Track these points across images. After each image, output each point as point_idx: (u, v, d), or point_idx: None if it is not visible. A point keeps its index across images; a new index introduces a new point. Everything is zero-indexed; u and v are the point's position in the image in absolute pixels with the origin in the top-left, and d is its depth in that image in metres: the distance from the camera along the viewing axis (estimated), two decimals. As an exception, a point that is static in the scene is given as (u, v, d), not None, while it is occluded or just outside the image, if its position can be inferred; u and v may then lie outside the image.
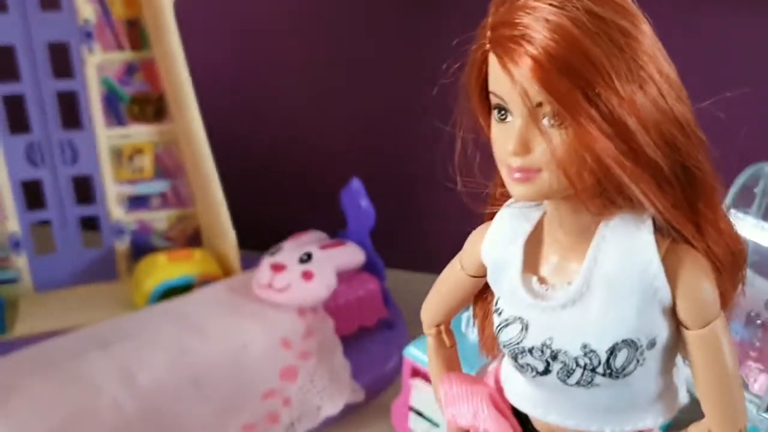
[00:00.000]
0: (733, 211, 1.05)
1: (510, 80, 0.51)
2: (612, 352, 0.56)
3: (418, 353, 1.06)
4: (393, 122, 1.57)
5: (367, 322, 1.36)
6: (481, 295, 0.70)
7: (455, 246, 0.72)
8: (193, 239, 1.59)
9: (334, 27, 1.56)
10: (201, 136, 1.44)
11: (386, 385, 1.29)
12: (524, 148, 0.53)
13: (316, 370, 1.22)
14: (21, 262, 1.48)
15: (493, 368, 0.70)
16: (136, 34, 1.44)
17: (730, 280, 0.61)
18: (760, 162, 1.08)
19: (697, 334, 0.57)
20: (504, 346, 0.61)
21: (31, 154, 1.43)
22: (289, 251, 1.33)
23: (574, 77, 0.49)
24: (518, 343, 0.59)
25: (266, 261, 1.33)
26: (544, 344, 0.58)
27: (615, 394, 0.59)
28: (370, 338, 1.35)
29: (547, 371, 0.58)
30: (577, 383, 0.58)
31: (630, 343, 0.56)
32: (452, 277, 0.70)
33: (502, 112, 0.54)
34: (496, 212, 0.64)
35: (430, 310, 0.74)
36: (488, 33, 0.53)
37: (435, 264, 0.77)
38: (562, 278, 0.59)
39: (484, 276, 0.65)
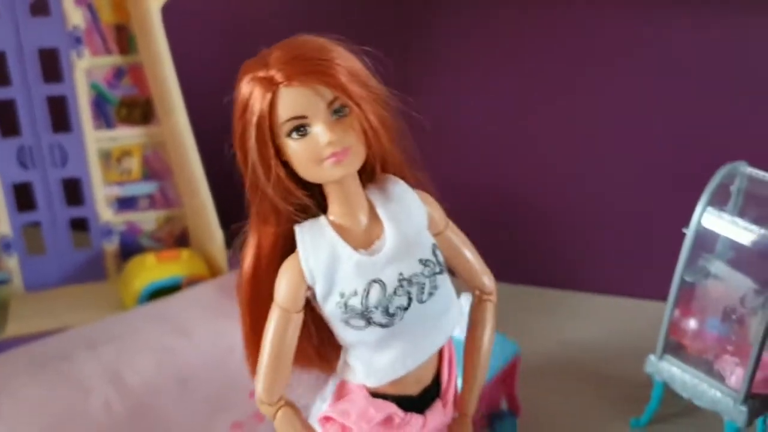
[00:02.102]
0: (710, 208, 1.08)
1: (312, 92, 0.69)
2: (434, 252, 0.75)
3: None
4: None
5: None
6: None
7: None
8: (181, 239, 1.60)
9: (324, 31, 1.58)
10: (188, 138, 1.46)
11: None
12: (336, 134, 0.69)
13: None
14: (12, 263, 1.50)
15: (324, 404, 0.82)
16: (124, 38, 1.46)
17: None
18: (736, 161, 1.10)
19: (450, 230, 0.80)
20: (376, 309, 0.72)
21: (21, 157, 1.45)
22: (276, 251, 1.34)
23: (354, 76, 0.70)
24: (385, 295, 0.72)
25: (253, 261, 1.34)
26: (400, 280, 0.73)
27: (444, 292, 0.76)
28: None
29: (409, 301, 0.73)
30: (430, 294, 0.75)
31: (434, 245, 0.76)
32: (288, 330, 0.75)
33: (301, 129, 0.70)
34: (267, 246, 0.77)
35: (275, 385, 0.77)
36: (276, 73, 0.69)
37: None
38: (375, 235, 0.75)
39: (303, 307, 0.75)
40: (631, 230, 1.50)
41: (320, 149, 0.70)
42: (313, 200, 0.76)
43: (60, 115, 1.46)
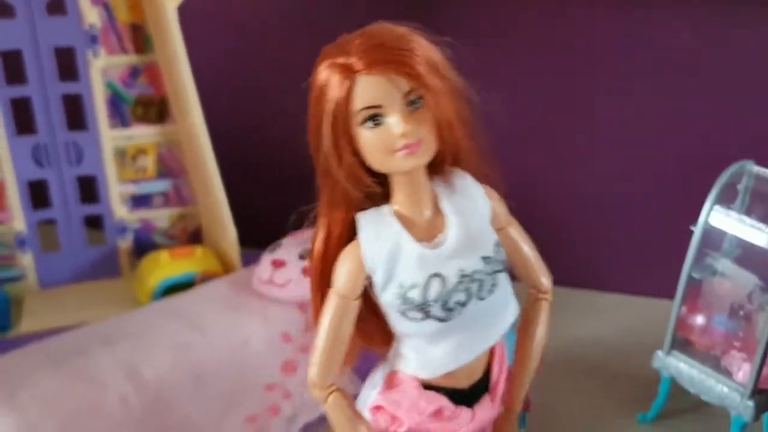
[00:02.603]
0: (717, 206, 1.09)
1: (389, 82, 0.69)
2: (496, 249, 0.76)
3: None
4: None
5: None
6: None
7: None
8: (194, 237, 1.62)
9: (337, 28, 1.59)
10: (203, 137, 1.47)
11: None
12: (410, 126, 0.69)
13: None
14: (26, 260, 1.52)
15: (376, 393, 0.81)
16: (140, 38, 1.48)
17: None
18: (743, 160, 1.11)
19: (512, 227, 0.81)
20: (434, 303, 0.73)
21: (37, 155, 1.47)
22: (289, 248, 1.35)
23: (432, 67, 0.70)
24: (445, 290, 0.73)
25: (267, 257, 1.34)
26: (461, 276, 0.74)
27: (503, 289, 0.77)
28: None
29: (469, 297, 0.74)
30: (489, 291, 0.75)
31: (497, 242, 0.77)
32: (345, 317, 0.76)
33: (376, 119, 0.70)
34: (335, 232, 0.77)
35: (329, 370, 0.78)
36: (356, 61, 0.69)
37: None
38: (438, 228, 0.75)
39: (361, 294, 0.76)
40: (639, 228, 1.50)
41: (393, 140, 0.70)
42: (380, 188, 0.76)
43: (76, 114, 1.48)
